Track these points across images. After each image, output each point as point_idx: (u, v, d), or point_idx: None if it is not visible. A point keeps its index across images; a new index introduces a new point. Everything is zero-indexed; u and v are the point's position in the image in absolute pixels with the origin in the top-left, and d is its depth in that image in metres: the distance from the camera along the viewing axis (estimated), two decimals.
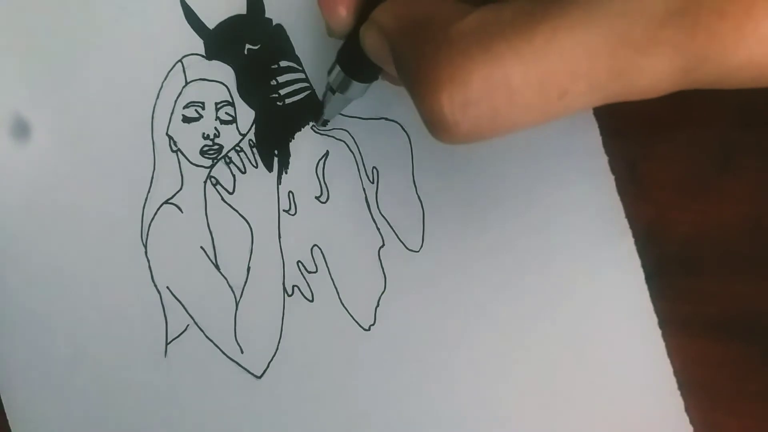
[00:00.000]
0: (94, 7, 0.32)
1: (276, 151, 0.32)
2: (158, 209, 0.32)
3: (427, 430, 0.31)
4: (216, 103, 0.32)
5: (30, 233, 0.32)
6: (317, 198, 0.32)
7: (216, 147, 0.32)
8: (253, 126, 0.32)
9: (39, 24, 0.32)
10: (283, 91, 0.32)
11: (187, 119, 0.32)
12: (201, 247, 0.32)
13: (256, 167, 0.32)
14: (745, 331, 0.30)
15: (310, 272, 0.31)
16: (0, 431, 0.32)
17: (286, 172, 0.32)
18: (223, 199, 0.32)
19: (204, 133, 0.32)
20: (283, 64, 0.32)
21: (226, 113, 0.32)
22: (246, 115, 0.32)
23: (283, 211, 0.32)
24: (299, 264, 0.32)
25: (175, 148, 0.32)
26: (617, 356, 0.30)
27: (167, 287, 0.32)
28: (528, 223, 0.31)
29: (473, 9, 0.20)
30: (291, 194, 0.32)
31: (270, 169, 0.32)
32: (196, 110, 0.32)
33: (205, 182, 0.32)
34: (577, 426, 0.30)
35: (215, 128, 0.32)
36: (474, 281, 0.31)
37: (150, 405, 0.32)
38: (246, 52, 0.32)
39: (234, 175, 0.32)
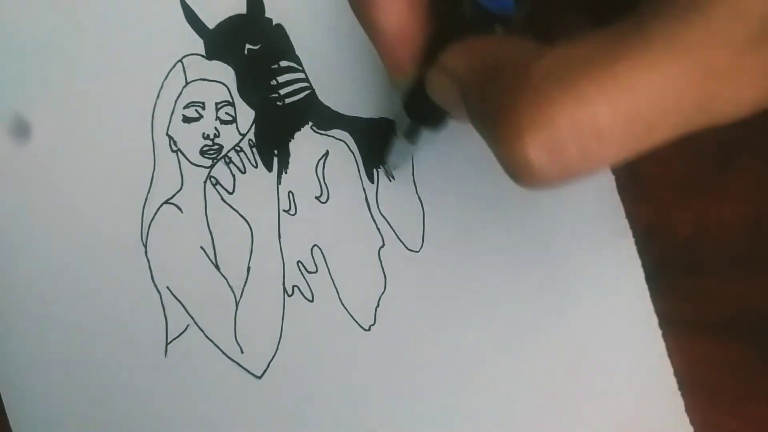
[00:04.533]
0: (95, 7, 0.32)
1: (276, 151, 0.32)
2: (158, 209, 0.32)
3: (427, 430, 0.31)
4: (216, 103, 0.32)
5: (30, 233, 0.32)
6: (317, 198, 0.32)
7: (216, 147, 0.32)
8: (253, 126, 0.32)
9: (39, 24, 0.32)
10: (283, 91, 0.32)
11: (187, 119, 0.32)
12: (201, 247, 0.32)
13: (256, 167, 0.32)
14: (745, 331, 0.30)
15: (310, 272, 0.31)
16: (0, 431, 0.32)
17: (285, 172, 0.32)
18: (223, 199, 0.32)
19: (204, 133, 0.32)
20: (283, 64, 0.32)
21: (226, 113, 0.32)
22: (246, 115, 0.32)
23: (283, 211, 0.32)
24: (299, 264, 0.31)
25: (175, 148, 0.32)
26: (618, 356, 0.30)
27: (167, 287, 0.32)
28: (528, 223, 0.31)
29: (547, 48, 0.18)
30: (291, 194, 0.32)
31: (270, 169, 0.32)
32: (196, 110, 0.32)
33: (205, 182, 0.32)
34: (578, 426, 0.30)
35: (215, 128, 0.32)
36: (474, 281, 0.31)
37: (150, 405, 0.32)
38: (246, 52, 0.32)
39: (234, 175, 0.32)
